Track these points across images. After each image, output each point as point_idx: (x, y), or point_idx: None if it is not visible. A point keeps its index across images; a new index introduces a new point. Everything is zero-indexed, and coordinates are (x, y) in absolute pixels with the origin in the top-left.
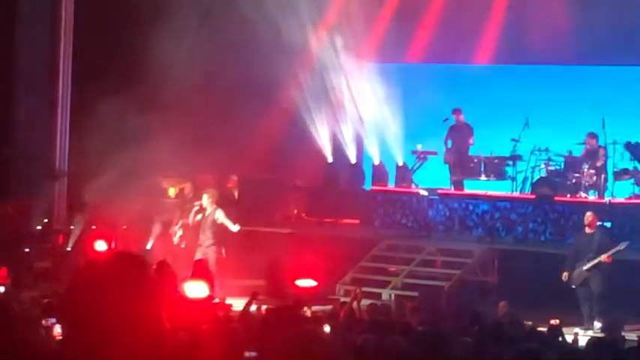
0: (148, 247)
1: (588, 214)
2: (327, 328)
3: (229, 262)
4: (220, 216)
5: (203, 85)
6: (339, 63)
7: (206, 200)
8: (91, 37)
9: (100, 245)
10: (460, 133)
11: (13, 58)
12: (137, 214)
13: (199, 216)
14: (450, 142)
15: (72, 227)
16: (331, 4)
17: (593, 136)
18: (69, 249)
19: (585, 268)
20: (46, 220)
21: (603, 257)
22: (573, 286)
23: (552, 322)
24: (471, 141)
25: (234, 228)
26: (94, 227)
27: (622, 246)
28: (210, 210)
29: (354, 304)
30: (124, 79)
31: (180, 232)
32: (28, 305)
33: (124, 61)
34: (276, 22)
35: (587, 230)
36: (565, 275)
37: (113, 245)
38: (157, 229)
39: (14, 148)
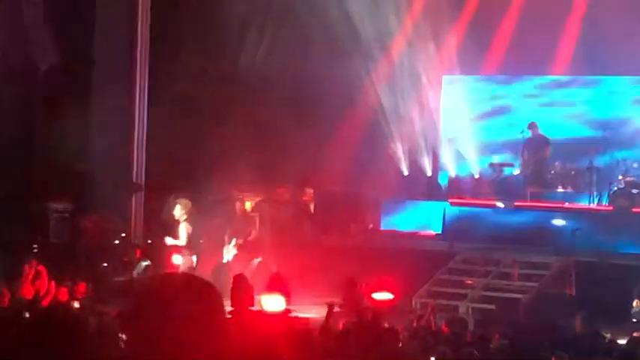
0: (225, 260)
1: None
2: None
3: (305, 275)
4: (183, 229)
5: (279, 99)
6: (415, 75)
7: (179, 211)
8: (166, 49)
9: (177, 259)
10: (537, 145)
11: (90, 73)
12: (214, 229)
13: (180, 227)
14: (526, 154)
15: (149, 241)
16: (408, 17)
17: None
18: (147, 263)
19: None
20: (123, 235)
21: None
22: (634, 320)
23: (635, 334)
24: (547, 153)
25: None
26: None
27: None
28: (182, 222)
29: (430, 317)
30: (200, 93)
31: (234, 251)
32: (106, 319)
33: (200, 75)
34: (352, 35)
35: None
36: (636, 304)
37: None
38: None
39: (91, 163)
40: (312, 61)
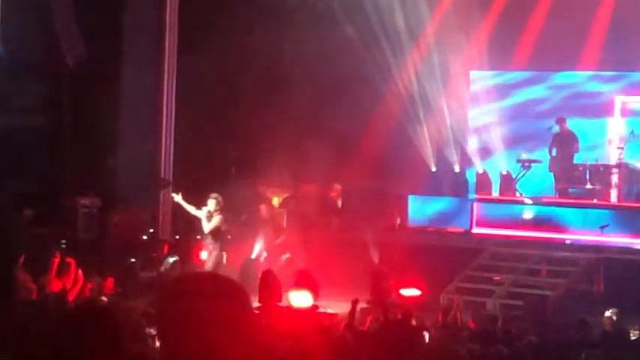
0: (253, 256)
1: None
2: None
3: (333, 270)
4: (215, 222)
5: (307, 95)
6: (443, 71)
7: (213, 206)
8: (194, 51)
9: (204, 255)
10: (565, 141)
11: (117, 72)
12: (242, 224)
13: (212, 222)
14: (554, 151)
15: (177, 237)
16: (435, 12)
17: None
18: (175, 259)
19: None
20: (151, 230)
21: None
22: None
23: None
24: (575, 149)
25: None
26: (198, 237)
27: None
28: (216, 216)
29: (457, 313)
30: (227, 90)
31: (264, 254)
32: (133, 315)
33: (227, 70)
34: (380, 30)
35: None
36: None
37: None
38: (261, 238)
39: (119, 158)
40: (340, 56)
